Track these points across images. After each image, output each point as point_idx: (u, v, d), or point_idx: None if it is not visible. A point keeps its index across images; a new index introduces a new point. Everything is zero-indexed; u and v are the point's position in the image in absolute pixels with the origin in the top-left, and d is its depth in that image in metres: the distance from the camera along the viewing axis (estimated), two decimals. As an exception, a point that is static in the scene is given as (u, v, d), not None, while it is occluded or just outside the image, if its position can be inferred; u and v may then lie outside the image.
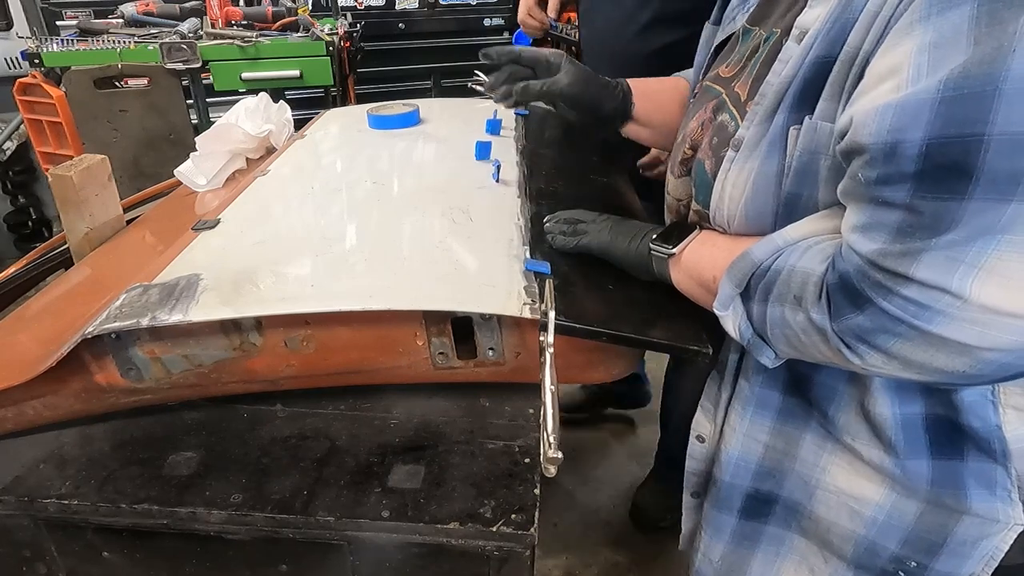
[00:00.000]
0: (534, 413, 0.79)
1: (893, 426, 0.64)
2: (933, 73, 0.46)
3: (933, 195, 0.47)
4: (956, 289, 0.47)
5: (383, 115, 1.37)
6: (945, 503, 0.65)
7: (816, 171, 0.60)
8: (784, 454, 0.74)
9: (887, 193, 0.49)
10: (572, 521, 1.95)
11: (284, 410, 0.81)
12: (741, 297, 0.63)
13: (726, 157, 0.68)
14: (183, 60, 2.23)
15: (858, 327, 0.52)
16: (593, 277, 0.85)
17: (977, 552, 0.65)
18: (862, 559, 0.71)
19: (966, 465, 0.63)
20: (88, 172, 0.99)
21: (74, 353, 0.71)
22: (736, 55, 0.77)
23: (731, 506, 0.79)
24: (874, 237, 0.50)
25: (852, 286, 0.51)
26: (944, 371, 0.51)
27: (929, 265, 0.47)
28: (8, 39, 2.92)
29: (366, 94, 2.93)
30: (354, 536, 0.67)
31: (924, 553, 0.67)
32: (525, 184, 1.08)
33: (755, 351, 0.64)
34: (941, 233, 0.47)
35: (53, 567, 0.73)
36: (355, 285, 0.78)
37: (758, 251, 0.61)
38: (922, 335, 0.49)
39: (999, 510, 0.63)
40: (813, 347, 0.58)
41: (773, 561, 0.79)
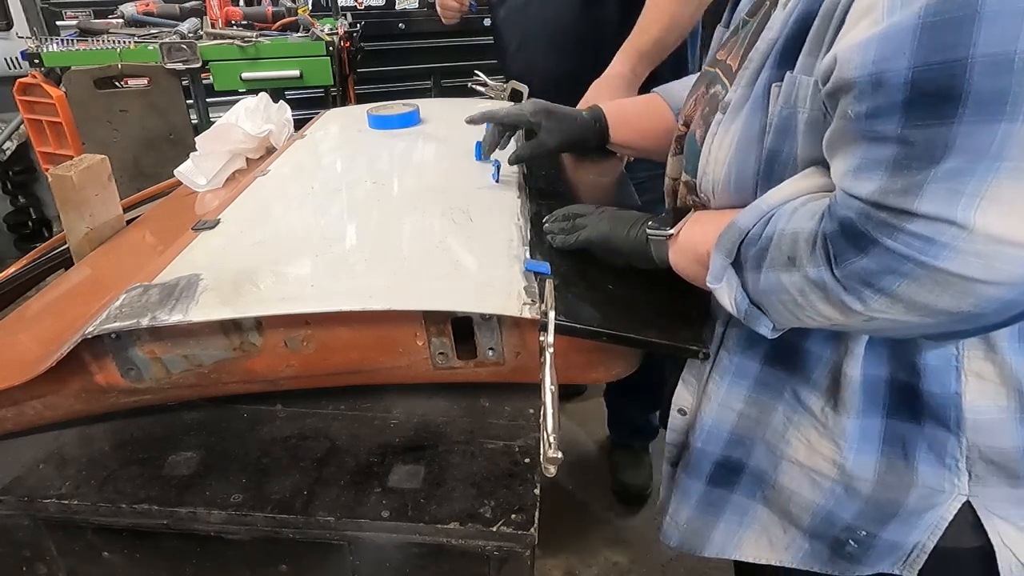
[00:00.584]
0: (534, 413, 0.79)
1: (858, 387, 0.65)
2: (910, 3, 0.47)
3: (924, 123, 0.46)
4: (961, 220, 0.46)
5: (383, 115, 1.37)
6: (895, 471, 0.66)
7: (795, 125, 0.60)
8: (756, 422, 0.75)
9: (878, 126, 0.49)
10: (572, 521, 1.95)
11: (284, 410, 0.81)
12: (733, 267, 0.63)
13: (714, 121, 0.69)
14: (183, 60, 2.23)
15: (863, 271, 0.51)
16: (593, 277, 0.85)
17: (923, 522, 0.66)
18: (818, 529, 0.73)
19: (921, 430, 0.64)
20: (88, 172, 0.99)
21: (74, 353, 0.71)
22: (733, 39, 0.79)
23: (700, 472, 0.81)
24: (871, 177, 0.50)
25: (855, 230, 0.50)
26: (948, 311, 0.50)
27: (932, 198, 0.46)
28: (8, 39, 2.92)
29: (366, 94, 2.93)
30: (354, 536, 0.67)
31: (875, 523, 0.69)
32: (525, 184, 1.08)
33: (752, 322, 0.64)
34: (938, 162, 0.46)
35: (53, 567, 0.73)
36: (355, 285, 0.78)
37: (743, 219, 0.61)
38: (928, 272, 0.48)
39: (945, 478, 0.64)
40: (810, 307, 0.57)
41: (736, 530, 0.81)
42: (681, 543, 0.87)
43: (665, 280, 0.84)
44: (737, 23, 0.80)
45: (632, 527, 1.93)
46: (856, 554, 0.71)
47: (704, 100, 0.76)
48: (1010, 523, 0.65)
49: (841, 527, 0.71)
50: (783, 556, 0.78)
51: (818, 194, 0.58)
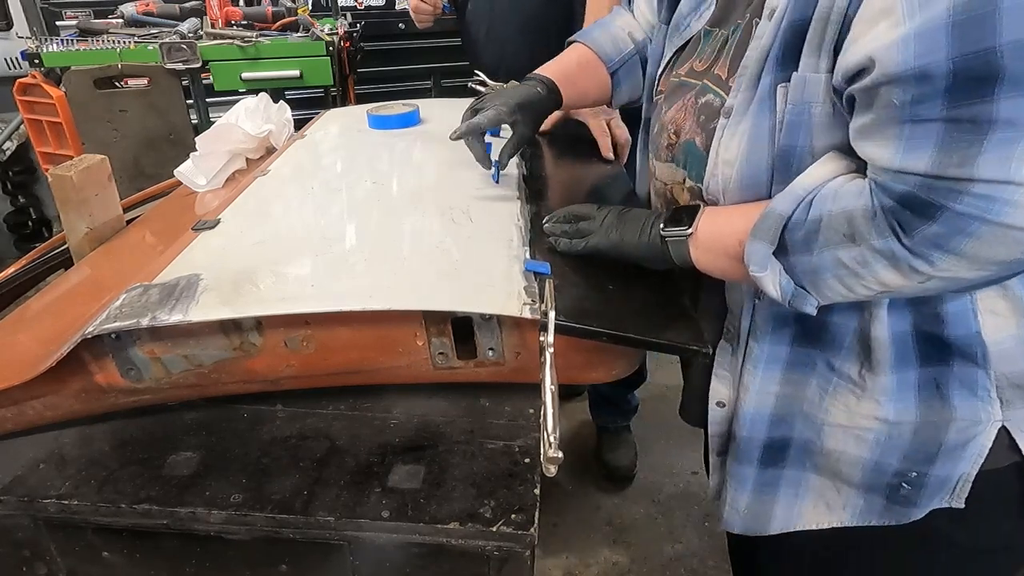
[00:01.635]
0: (534, 413, 0.79)
1: (888, 345, 0.71)
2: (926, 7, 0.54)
3: (967, 103, 0.53)
4: (1016, 178, 0.52)
5: (383, 115, 1.37)
6: (933, 411, 0.72)
7: (808, 120, 0.66)
8: (793, 398, 0.79)
9: (923, 111, 0.55)
10: (572, 521, 1.95)
11: (284, 410, 0.81)
12: (776, 255, 0.66)
13: (718, 126, 0.73)
14: (183, 60, 2.23)
15: (935, 235, 0.56)
16: (593, 277, 0.85)
17: (967, 453, 0.72)
18: (869, 480, 0.77)
19: (951, 371, 0.70)
20: (88, 172, 0.99)
21: (74, 353, 0.71)
22: (705, 51, 0.82)
23: (751, 458, 0.84)
24: (921, 154, 0.55)
25: (919, 200, 0.56)
26: (1004, 261, 0.56)
27: (987, 164, 0.53)
28: (8, 39, 2.92)
29: (366, 94, 2.93)
30: (354, 536, 0.67)
31: (922, 463, 0.73)
32: (525, 184, 1.08)
33: (797, 303, 0.67)
34: (986, 133, 0.53)
35: (53, 567, 0.73)
36: (355, 285, 0.78)
37: (781, 204, 0.65)
38: (993, 228, 0.54)
39: (980, 409, 0.70)
40: (871, 275, 0.61)
41: (793, 503, 0.84)
42: (745, 528, 0.89)
43: (665, 279, 0.84)
44: (697, 33, 0.85)
45: (632, 527, 1.93)
46: (910, 496, 0.75)
47: (695, 108, 0.79)
48: None
49: (891, 473, 0.75)
50: (842, 516, 0.81)
51: (849, 175, 0.63)
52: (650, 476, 2.09)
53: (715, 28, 0.81)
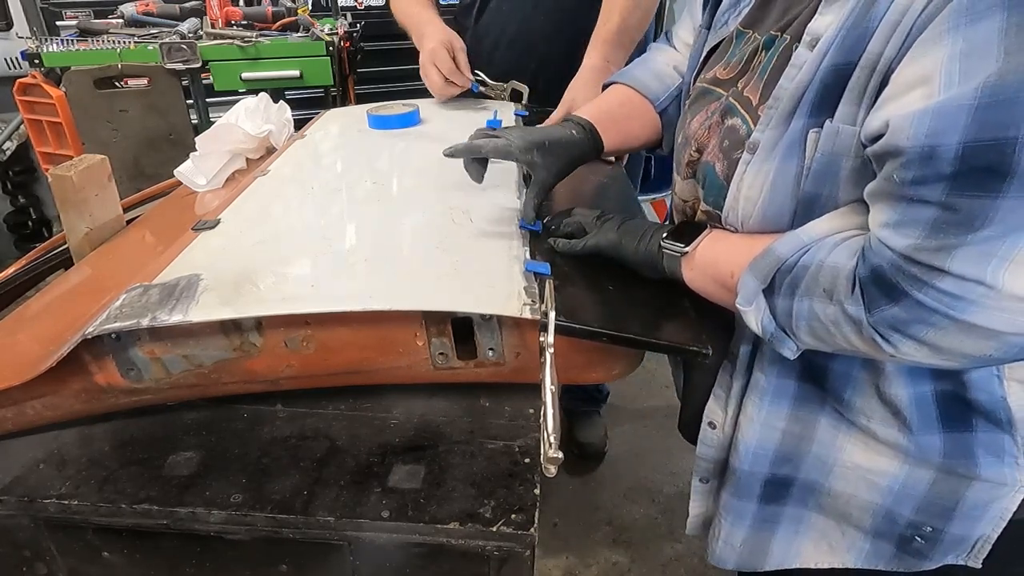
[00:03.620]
0: (534, 413, 0.79)
1: (908, 405, 0.68)
2: (966, 81, 0.49)
3: (969, 193, 0.49)
4: (990, 281, 0.49)
5: (383, 115, 1.37)
6: (957, 471, 0.69)
7: (836, 172, 0.62)
8: (800, 438, 0.77)
9: (923, 192, 0.51)
10: (572, 521, 1.95)
11: (284, 410, 0.81)
12: (764, 293, 0.65)
13: (741, 160, 0.70)
14: (183, 60, 2.23)
15: (893, 318, 0.54)
16: (593, 277, 0.85)
17: (988, 514, 0.69)
18: (880, 527, 0.75)
19: (975, 436, 0.67)
20: (88, 172, 0.99)
21: (74, 353, 0.71)
22: (734, 57, 0.78)
23: (751, 493, 0.81)
24: (907, 233, 0.52)
25: (886, 279, 0.54)
26: (972, 355, 0.54)
27: (964, 259, 0.50)
28: (8, 39, 2.92)
29: (366, 94, 2.92)
30: (354, 536, 0.67)
31: (939, 518, 0.71)
32: (525, 184, 1.08)
33: (777, 344, 0.66)
34: (976, 229, 0.49)
35: (53, 567, 0.73)
36: (355, 285, 0.79)
37: (783, 247, 0.63)
38: (956, 324, 0.52)
39: (1007, 475, 0.67)
40: (842, 338, 0.60)
41: (792, 540, 0.82)
42: (739, 564, 0.87)
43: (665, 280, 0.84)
44: (731, 33, 0.81)
45: (632, 527, 1.93)
46: (923, 549, 0.73)
47: (719, 130, 0.75)
48: None
49: (904, 524, 0.73)
50: (845, 558, 0.79)
51: (857, 231, 0.60)
52: (650, 476, 2.09)
53: (748, 29, 0.77)
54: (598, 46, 1.39)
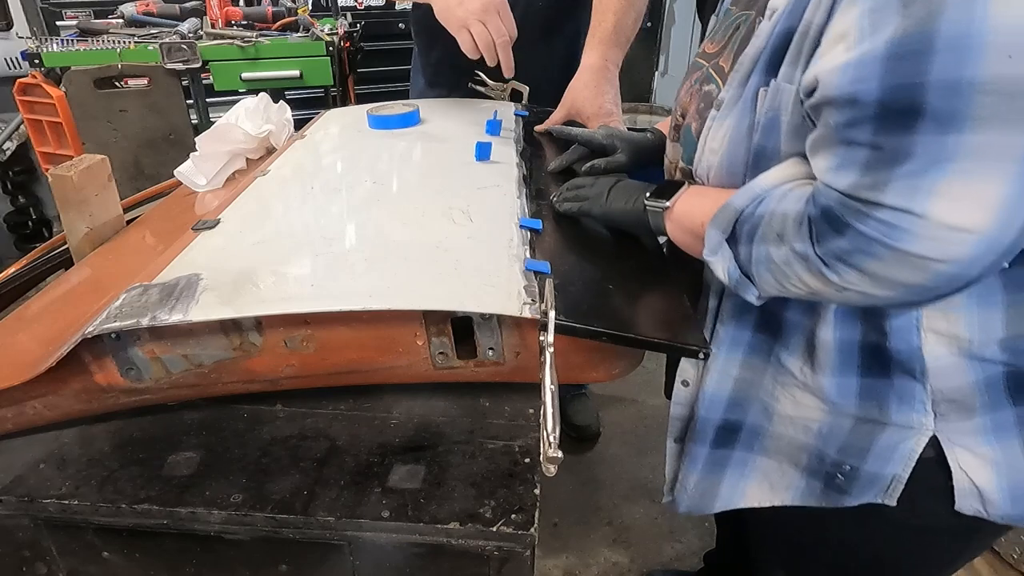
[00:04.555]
0: (534, 413, 0.79)
1: (832, 349, 0.75)
2: (875, 34, 0.56)
3: (891, 132, 0.56)
4: (918, 210, 0.55)
5: (383, 115, 1.37)
6: (871, 418, 0.76)
7: (778, 126, 0.70)
8: (750, 384, 0.85)
9: (853, 134, 0.58)
10: (572, 521, 1.95)
11: (284, 410, 0.81)
12: (728, 242, 0.72)
13: (709, 116, 0.78)
14: (183, 60, 2.23)
15: (839, 249, 0.60)
16: (593, 277, 0.85)
17: (897, 455, 0.76)
18: (812, 466, 0.83)
19: (891, 383, 0.74)
20: (88, 172, 0.99)
21: (74, 353, 0.71)
22: (718, 33, 0.86)
23: (705, 438, 0.89)
24: (846, 174, 0.59)
25: (834, 215, 0.60)
26: (906, 284, 0.59)
27: (895, 192, 0.56)
28: (8, 39, 2.92)
29: (366, 94, 2.93)
30: (354, 536, 0.67)
31: (856, 457, 0.79)
32: (525, 184, 1.08)
33: (741, 290, 0.72)
34: (901, 163, 0.56)
35: (53, 567, 0.73)
36: (355, 285, 0.78)
37: (739, 199, 0.70)
38: (892, 252, 0.57)
39: (915, 419, 0.75)
40: (795, 276, 0.66)
41: (738, 482, 0.90)
42: (690, 507, 0.94)
43: (665, 280, 0.84)
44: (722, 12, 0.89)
45: (632, 527, 1.93)
46: (844, 486, 0.81)
47: (699, 95, 0.83)
48: (967, 449, 0.75)
49: (830, 463, 0.81)
50: (783, 496, 0.86)
51: (802, 181, 0.67)
52: (650, 476, 2.09)
53: (733, 8, 0.85)
54: (595, 46, 1.39)
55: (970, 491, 0.75)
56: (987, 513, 0.76)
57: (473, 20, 1.26)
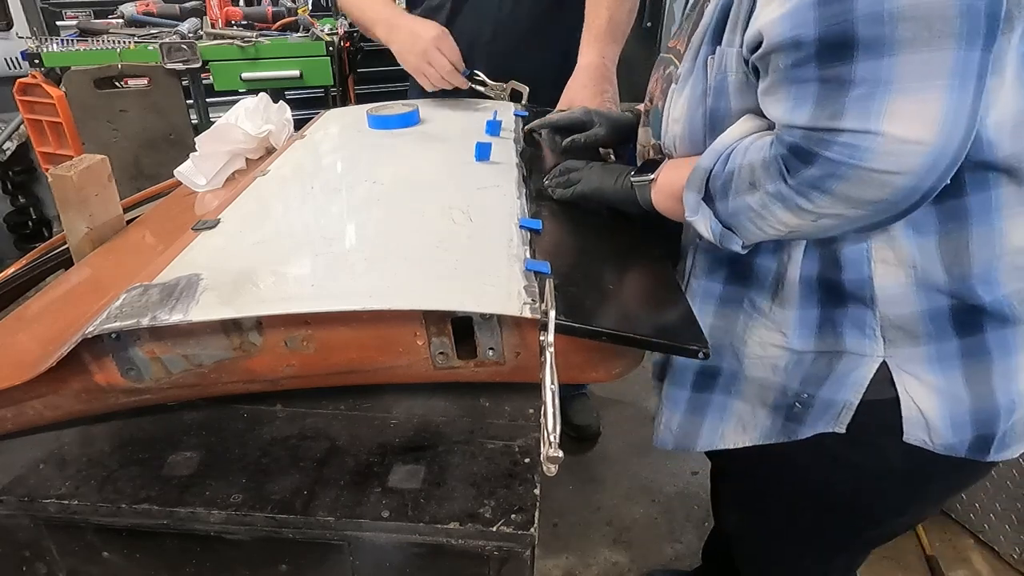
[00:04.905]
0: (534, 413, 0.79)
1: (796, 285, 0.82)
2: None
3: (833, 65, 0.63)
4: (874, 128, 0.61)
5: (383, 115, 1.37)
6: (828, 344, 0.83)
7: (727, 86, 0.78)
8: (724, 331, 0.91)
9: (801, 73, 0.65)
10: (572, 521, 1.95)
11: (284, 410, 0.81)
12: (704, 201, 0.78)
13: (670, 91, 0.88)
14: (183, 60, 2.23)
15: (811, 177, 0.66)
16: (593, 277, 0.85)
17: (849, 381, 0.83)
18: (776, 402, 0.90)
19: (847, 311, 0.81)
20: (88, 172, 0.99)
21: (74, 353, 0.71)
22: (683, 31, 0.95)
23: (684, 382, 0.96)
24: (803, 110, 0.65)
25: (800, 148, 0.66)
26: (872, 201, 0.65)
27: (851, 116, 0.62)
28: (8, 39, 2.92)
29: (366, 94, 2.92)
30: (354, 536, 0.67)
31: (813, 386, 0.85)
32: (525, 185, 1.08)
33: (726, 242, 0.78)
34: (849, 90, 0.62)
35: (53, 567, 0.73)
36: (355, 285, 0.78)
37: (705, 160, 0.77)
38: (857, 171, 0.63)
39: (867, 345, 0.81)
40: (772, 217, 0.72)
41: (718, 425, 0.96)
42: (676, 445, 1.01)
43: (666, 280, 0.85)
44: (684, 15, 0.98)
45: (632, 527, 1.93)
46: (800, 415, 0.87)
47: (663, 79, 0.93)
48: (914, 376, 0.80)
49: (791, 395, 0.87)
50: (753, 436, 0.93)
51: (759, 134, 0.74)
52: (650, 476, 2.09)
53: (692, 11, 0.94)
54: (591, 43, 1.39)
55: (917, 420, 0.81)
56: (932, 443, 0.81)
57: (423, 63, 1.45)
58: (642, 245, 0.96)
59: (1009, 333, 0.78)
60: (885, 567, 1.81)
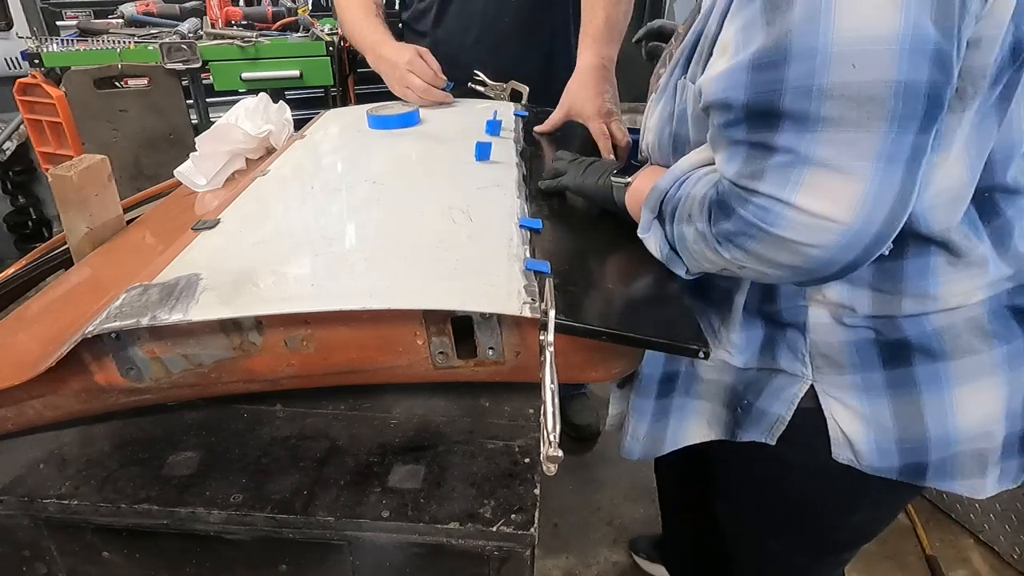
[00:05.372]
0: (534, 413, 0.79)
1: (740, 310, 0.87)
2: (745, 48, 0.64)
3: (760, 131, 0.63)
4: (786, 199, 0.62)
5: (383, 115, 1.37)
6: (766, 362, 0.88)
7: (687, 117, 0.81)
8: None
9: (732, 133, 0.66)
10: (572, 521, 1.95)
11: (284, 410, 0.81)
12: (657, 220, 0.81)
13: (650, 99, 0.92)
14: (183, 60, 2.23)
15: (727, 231, 0.68)
16: (593, 276, 0.85)
17: (782, 396, 0.87)
18: (728, 401, 0.94)
19: (785, 335, 0.85)
20: (88, 172, 0.99)
21: (74, 353, 0.71)
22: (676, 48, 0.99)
23: (649, 392, 0.98)
24: (732, 165, 0.67)
25: (724, 201, 0.68)
26: (787, 266, 0.67)
27: (769, 181, 0.63)
28: (8, 39, 2.92)
29: (366, 94, 2.92)
30: (354, 536, 0.67)
31: (754, 394, 0.90)
32: (525, 184, 1.08)
33: (672, 265, 0.82)
34: (771, 157, 0.63)
35: (53, 567, 0.73)
36: (355, 285, 0.79)
37: (663, 181, 0.80)
38: (768, 236, 0.65)
39: (798, 368, 0.85)
40: (700, 253, 0.75)
41: (681, 424, 0.99)
42: (644, 453, 1.03)
43: (665, 280, 0.84)
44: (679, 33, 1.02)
45: (632, 527, 1.93)
46: (740, 419, 0.92)
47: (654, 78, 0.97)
48: (839, 402, 0.84)
49: (737, 398, 0.92)
50: (717, 430, 0.97)
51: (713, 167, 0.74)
52: (650, 476, 2.08)
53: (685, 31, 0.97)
54: (590, 45, 1.39)
55: (842, 441, 0.84)
56: (859, 463, 0.84)
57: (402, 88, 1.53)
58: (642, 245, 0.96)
59: (940, 368, 0.78)
60: (885, 567, 1.81)
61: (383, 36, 1.63)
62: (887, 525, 1.01)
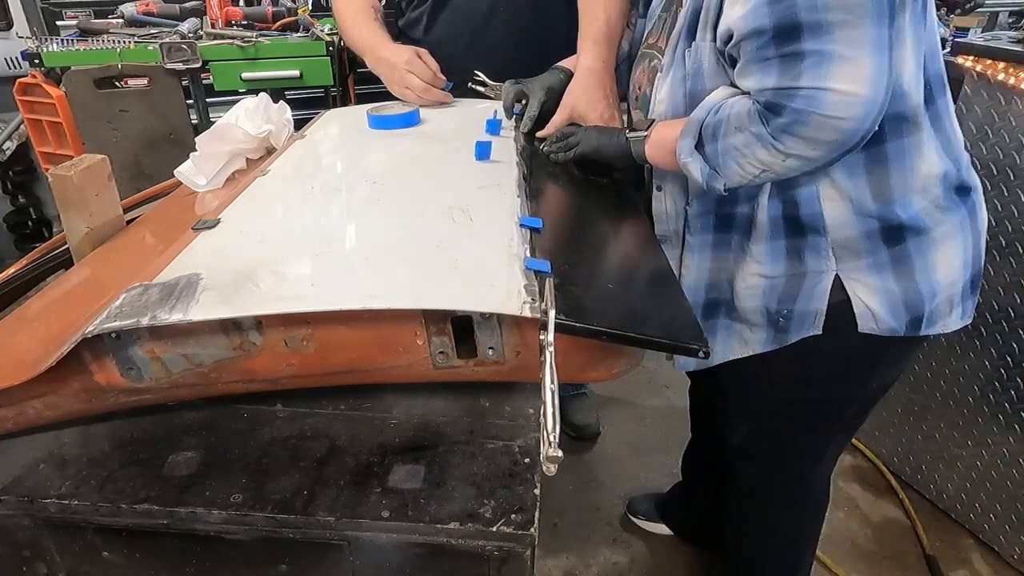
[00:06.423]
0: (534, 413, 0.79)
1: (766, 224, 1.05)
2: None
3: (788, 44, 0.84)
4: (824, 86, 0.82)
5: (383, 115, 1.37)
6: (794, 267, 1.06)
7: (702, 71, 1.00)
8: (720, 271, 1.14)
9: (763, 53, 0.87)
10: (572, 521, 1.95)
11: (284, 410, 0.81)
12: (696, 148, 0.96)
13: (656, 79, 1.10)
14: (183, 60, 2.23)
15: (782, 124, 0.86)
16: (593, 276, 0.85)
17: (815, 293, 1.07)
18: (764, 319, 1.13)
19: (806, 240, 1.04)
20: (88, 172, 0.99)
21: (74, 353, 0.71)
22: (655, 30, 1.18)
23: (696, 311, 1.13)
24: (769, 78, 0.87)
25: (772, 103, 0.86)
26: (827, 142, 0.85)
27: (807, 77, 0.83)
28: (8, 39, 2.92)
29: (366, 94, 2.92)
30: (354, 536, 0.67)
31: (790, 302, 1.09)
32: (525, 184, 1.08)
33: (712, 182, 0.96)
34: (802, 61, 0.83)
35: (53, 567, 0.73)
36: (355, 284, 0.78)
37: (699, 113, 0.97)
38: (816, 116, 0.83)
39: (822, 263, 1.05)
40: (752, 155, 0.91)
41: (727, 341, 1.19)
42: (697, 364, 1.23)
43: (666, 280, 0.85)
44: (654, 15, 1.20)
45: (632, 527, 1.93)
46: (786, 326, 1.11)
47: (648, 70, 1.16)
48: (858, 281, 1.05)
49: (775, 312, 1.10)
50: (755, 347, 1.15)
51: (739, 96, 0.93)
52: (650, 476, 2.09)
53: (664, 13, 1.16)
54: (590, 48, 1.39)
55: (865, 313, 1.05)
56: (878, 328, 1.06)
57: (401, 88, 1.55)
58: (643, 244, 0.96)
59: (924, 240, 1.02)
60: (885, 567, 1.81)
61: (382, 39, 1.64)
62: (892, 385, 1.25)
